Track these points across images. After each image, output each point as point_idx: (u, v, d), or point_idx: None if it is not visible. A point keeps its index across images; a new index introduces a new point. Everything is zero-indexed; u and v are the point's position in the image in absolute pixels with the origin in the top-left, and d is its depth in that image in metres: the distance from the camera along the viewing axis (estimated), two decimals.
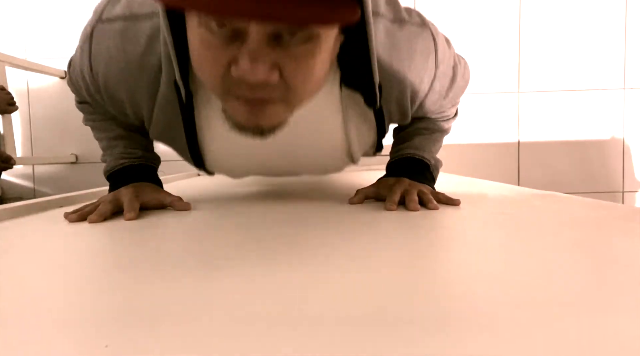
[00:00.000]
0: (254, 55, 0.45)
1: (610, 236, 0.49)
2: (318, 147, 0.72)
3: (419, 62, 0.64)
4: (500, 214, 0.63)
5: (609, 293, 0.30)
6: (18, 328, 0.26)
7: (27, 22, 2.16)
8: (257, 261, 0.41)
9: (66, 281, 0.37)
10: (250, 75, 0.45)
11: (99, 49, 0.63)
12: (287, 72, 0.48)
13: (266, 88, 0.48)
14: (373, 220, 0.60)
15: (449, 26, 2.09)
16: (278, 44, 0.46)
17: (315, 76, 0.51)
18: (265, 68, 0.45)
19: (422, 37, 0.64)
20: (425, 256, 0.42)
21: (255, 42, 0.45)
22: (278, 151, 0.71)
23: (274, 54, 0.46)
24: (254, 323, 0.26)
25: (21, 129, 2.22)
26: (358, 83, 0.64)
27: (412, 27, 0.64)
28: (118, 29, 0.62)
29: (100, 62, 0.63)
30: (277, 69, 0.47)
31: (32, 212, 0.75)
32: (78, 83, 0.71)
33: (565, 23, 2.09)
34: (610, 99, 2.12)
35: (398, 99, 0.67)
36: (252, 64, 0.45)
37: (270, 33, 0.45)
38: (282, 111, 0.52)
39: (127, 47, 0.61)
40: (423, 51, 0.64)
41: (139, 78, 0.63)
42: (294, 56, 0.47)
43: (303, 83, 0.50)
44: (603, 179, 2.14)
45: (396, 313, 0.27)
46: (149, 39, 0.61)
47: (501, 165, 2.15)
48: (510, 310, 0.27)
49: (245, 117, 0.51)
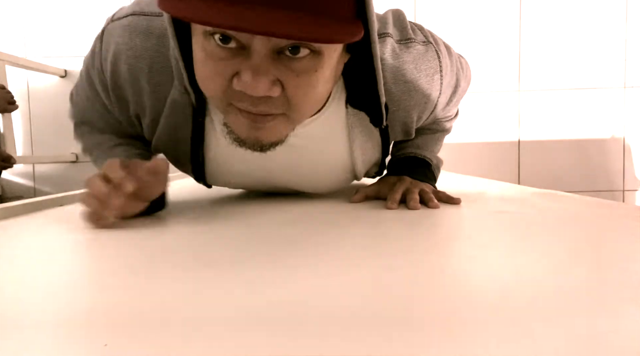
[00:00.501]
0: (256, 69, 0.45)
1: (610, 234, 0.49)
2: (322, 165, 0.71)
3: (424, 81, 0.65)
4: (501, 212, 0.63)
5: (609, 292, 0.30)
6: (17, 327, 0.26)
7: (27, 21, 2.15)
8: (257, 262, 0.40)
9: (66, 280, 0.37)
10: (252, 89, 0.46)
11: (108, 45, 0.62)
12: (289, 87, 0.48)
13: (267, 102, 0.48)
14: (374, 219, 0.60)
15: (449, 25, 2.09)
16: (280, 59, 0.46)
17: (317, 93, 0.51)
18: (267, 82, 0.46)
19: (427, 58, 0.64)
20: (426, 255, 0.42)
21: (259, 57, 0.45)
22: (281, 168, 0.71)
23: (276, 70, 0.46)
24: (254, 322, 0.26)
25: (22, 128, 2.22)
26: (364, 103, 0.64)
27: (417, 46, 0.64)
28: (126, 23, 0.61)
29: (109, 59, 0.62)
30: (279, 84, 0.47)
31: (32, 211, 0.75)
32: (85, 92, 0.70)
33: (565, 22, 2.09)
34: (611, 98, 2.12)
35: (403, 118, 0.67)
36: (255, 78, 0.45)
37: (273, 48, 0.45)
38: (282, 126, 0.53)
39: (135, 41, 0.60)
40: (428, 71, 0.65)
41: (149, 78, 0.61)
42: (296, 72, 0.47)
43: (304, 99, 0.50)
44: (603, 177, 2.14)
45: (398, 313, 0.27)
46: (159, 38, 0.59)
47: (502, 164, 2.15)
48: (511, 308, 0.27)
49: (246, 131, 0.52)
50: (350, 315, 0.27)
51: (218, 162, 0.69)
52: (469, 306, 0.28)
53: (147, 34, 0.60)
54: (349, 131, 0.67)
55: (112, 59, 0.61)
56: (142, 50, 0.60)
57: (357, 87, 0.63)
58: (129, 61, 0.61)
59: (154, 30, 0.60)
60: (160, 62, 0.60)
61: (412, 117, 0.68)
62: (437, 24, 2.08)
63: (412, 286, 0.32)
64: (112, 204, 0.53)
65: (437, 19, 2.09)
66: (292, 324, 0.25)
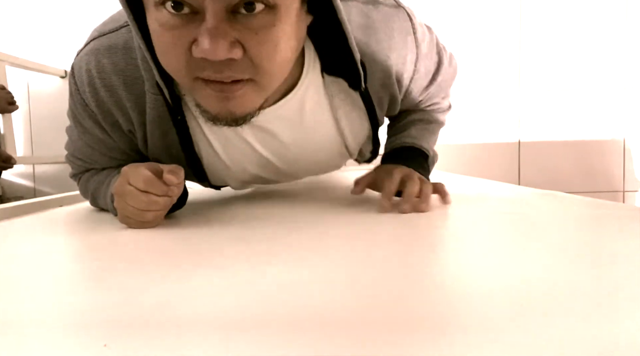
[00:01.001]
0: (213, 32, 0.44)
1: (611, 235, 0.49)
2: (312, 143, 0.70)
3: (398, 40, 0.63)
4: (501, 213, 0.63)
5: (609, 293, 0.30)
6: (18, 327, 0.26)
7: (27, 21, 2.16)
8: (251, 262, 0.40)
9: (66, 281, 0.37)
10: (211, 53, 0.44)
11: (80, 78, 0.62)
12: (250, 47, 0.46)
13: (231, 66, 0.47)
14: (373, 220, 0.60)
15: (449, 26, 2.09)
16: (237, 19, 0.45)
17: (280, 49, 0.49)
18: (225, 44, 0.44)
19: (398, 17, 0.63)
20: (425, 256, 0.42)
21: (214, 19, 0.44)
22: (271, 152, 0.70)
23: (234, 30, 0.45)
24: (253, 323, 0.26)
25: (22, 129, 2.22)
26: (340, 68, 0.62)
27: (386, 8, 0.63)
28: (90, 48, 0.61)
29: (87, 90, 0.61)
30: (240, 45, 0.46)
31: (32, 211, 0.75)
32: (81, 140, 0.69)
33: (566, 23, 2.09)
34: (611, 99, 2.12)
35: (383, 81, 0.66)
36: (212, 41, 0.44)
37: (227, 8, 0.44)
38: (253, 94, 0.51)
39: (102, 61, 0.60)
40: (401, 30, 0.63)
41: (126, 94, 0.61)
42: (254, 29, 0.46)
43: (268, 58, 0.48)
44: (603, 178, 2.14)
45: (395, 314, 0.27)
46: (124, 50, 0.59)
47: (502, 165, 2.15)
48: (510, 309, 0.27)
49: (216, 103, 0.50)
50: (346, 316, 0.27)
51: (212, 156, 0.68)
52: (468, 306, 0.28)
53: (111, 51, 0.60)
54: (329, 101, 0.65)
55: (89, 88, 0.61)
56: (111, 66, 0.60)
57: (329, 52, 0.61)
58: (104, 82, 0.60)
59: (117, 44, 0.60)
60: (132, 73, 0.60)
61: (391, 79, 0.65)
62: (437, 25, 2.09)
63: (409, 287, 0.32)
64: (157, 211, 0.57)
65: (437, 19, 2.10)
66: (290, 325, 0.25)
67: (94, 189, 0.72)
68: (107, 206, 0.68)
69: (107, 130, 0.65)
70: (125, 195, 0.55)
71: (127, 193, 0.55)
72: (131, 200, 0.55)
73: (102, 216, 0.69)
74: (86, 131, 0.66)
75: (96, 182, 0.71)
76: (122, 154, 0.69)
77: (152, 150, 0.66)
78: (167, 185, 0.55)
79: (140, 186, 0.54)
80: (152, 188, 0.55)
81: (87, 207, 0.80)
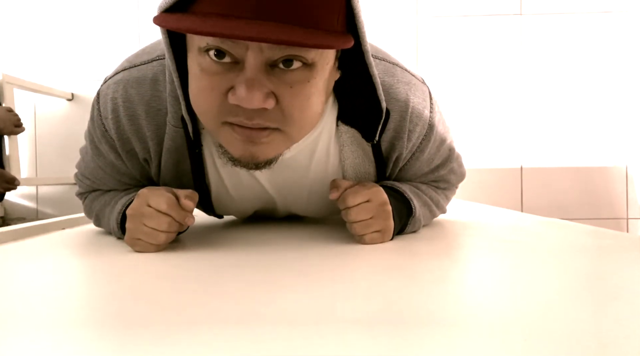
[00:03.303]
0: (251, 82, 0.46)
1: (613, 265, 0.49)
2: (316, 184, 0.70)
3: (416, 103, 0.64)
4: (503, 241, 0.63)
5: (612, 325, 0.30)
6: (19, 350, 0.26)
7: (35, 44, 2.20)
8: (256, 290, 0.40)
9: (68, 306, 0.37)
10: (247, 101, 0.46)
11: (105, 105, 0.63)
12: (283, 99, 0.49)
13: (262, 115, 0.49)
14: (376, 248, 0.60)
15: (453, 55, 2.12)
16: (274, 72, 0.48)
17: (311, 104, 0.51)
18: (261, 95, 0.46)
19: (419, 89, 0.65)
20: (425, 284, 0.42)
21: (252, 70, 0.46)
22: (276, 189, 0.70)
23: (270, 82, 0.47)
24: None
25: (27, 151, 2.24)
26: (355, 119, 0.63)
27: (411, 77, 0.65)
28: (119, 78, 0.62)
29: (109, 117, 0.62)
30: (274, 96, 0.48)
31: (34, 234, 0.75)
32: (94, 162, 0.69)
33: (568, 50, 2.12)
34: (614, 127, 2.13)
35: (392, 139, 0.65)
36: (249, 90, 0.46)
37: (266, 61, 0.47)
38: (278, 143, 0.53)
39: (130, 92, 0.61)
40: (419, 100, 0.64)
41: (147, 123, 0.62)
42: (290, 83, 0.48)
43: (300, 110, 0.50)
44: (607, 205, 2.13)
45: (396, 341, 0.27)
46: (152, 82, 0.61)
47: (504, 190, 2.15)
48: (511, 339, 0.27)
49: (241, 147, 0.51)
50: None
51: (220, 190, 0.69)
52: (465, 335, 0.28)
53: (139, 82, 0.61)
54: (339, 150, 0.66)
55: (112, 115, 0.62)
56: (138, 97, 0.61)
57: (349, 103, 0.62)
58: (128, 111, 0.61)
59: (147, 76, 0.61)
60: (156, 105, 0.61)
61: (402, 139, 0.65)
62: (440, 53, 2.11)
63: (410, 316, 0.32)
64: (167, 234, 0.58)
65: (440, 49, 2.13)
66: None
67: (99, 210, 0.73)
68: (109, 227, 0.68)
69: (123, 157, 0.66)
70: (143, 216, 0.56)
71: (145, 214, 0.56)
72: (149, 221, 0.56)
73: (103, 240, 0.69)
74: (101, 154, 0.67)
75: (101, 203, 0.72)
76: (132, 179, 0.70)
77: (163, 177, 0.67)
78: (184, 210, 0.57)
79: (162, 208, 0.55)
80: (173, 212, 0.56)
81: (89, 230, 0.81)
